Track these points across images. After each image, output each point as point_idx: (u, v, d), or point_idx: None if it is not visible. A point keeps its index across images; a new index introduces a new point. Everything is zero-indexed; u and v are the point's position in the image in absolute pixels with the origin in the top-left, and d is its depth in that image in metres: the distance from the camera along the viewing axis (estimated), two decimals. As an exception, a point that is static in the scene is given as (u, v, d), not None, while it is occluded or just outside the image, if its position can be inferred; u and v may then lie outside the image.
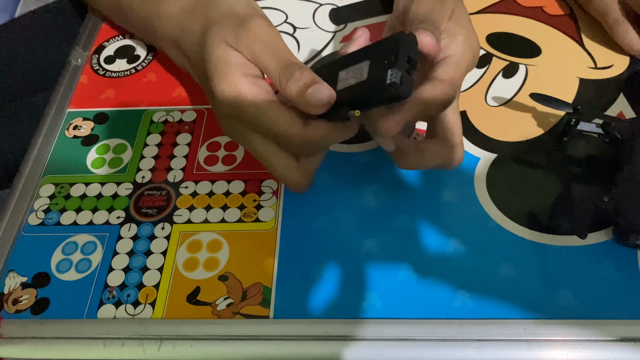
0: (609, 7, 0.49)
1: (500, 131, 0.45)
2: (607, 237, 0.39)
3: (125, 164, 0.45)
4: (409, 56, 0.30)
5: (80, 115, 0.48)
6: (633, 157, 0.39)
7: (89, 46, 0.54)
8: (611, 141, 0.42)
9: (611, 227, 0.39)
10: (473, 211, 0.40)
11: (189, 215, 0.41)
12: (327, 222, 0.40)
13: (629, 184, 0.38)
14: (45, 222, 0.42)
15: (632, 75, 0.48)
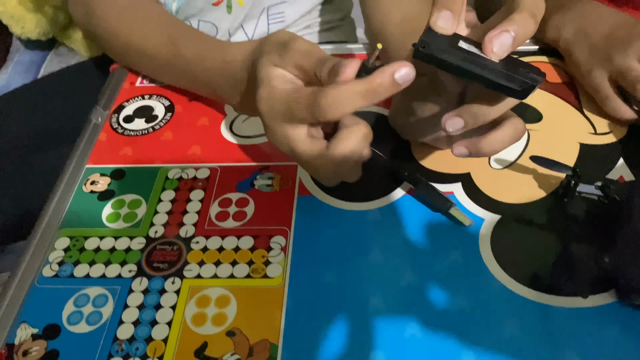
0: (600, 85, 0.51)
1: (504, 193, 0.46)
2: (612, 298, 0.39)
3: (139, 218, 0.46)
4: None
5: (97, 171, 0.50)
6: (631, 218, 0.40)
7: (109, 105, 0.57)
8: (610, 203, 0.43)
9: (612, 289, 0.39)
10: (478, 271, 0.41)
11: (199, 270, 0.42)
12: (335, 278, 0.41)
13: (628, 244, 0.38)
14: (59, 275, 0.43)
15: (631, 141, 0.50)
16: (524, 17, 0.36)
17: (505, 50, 0.35)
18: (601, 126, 0.51)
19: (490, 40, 0.35)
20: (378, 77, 0.35)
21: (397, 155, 0.49)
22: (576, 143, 0.50)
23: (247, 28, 0.75)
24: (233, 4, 0.71)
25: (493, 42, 0.35)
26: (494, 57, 0.36)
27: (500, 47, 0.35)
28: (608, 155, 0.49)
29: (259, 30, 0.75)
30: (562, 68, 0.58)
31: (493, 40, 0.35)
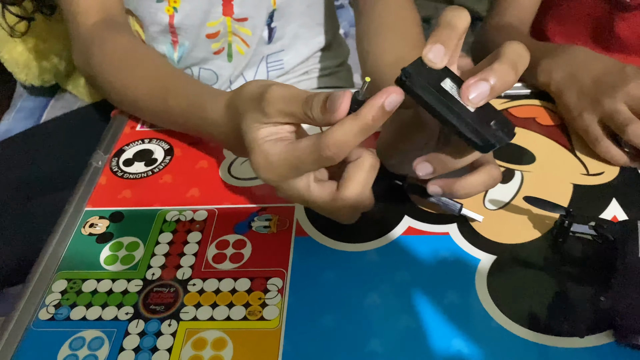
0: (590, 127, 0.53)
1: (499, 234, 0.46)
2: (609, 338, 0.39)
3: (136, 261, 0.46)
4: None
5: (97, 213, 0.51)
6: (626, 258, 0.40)
7: (110, 149, 0.58)
8: (604, 242, 0.44)
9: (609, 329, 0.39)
10: (475, 312, 0.41)
11: (196, 313, 0.42)
12: (332, 320, 0.41)
13: (623, 284, 0.39)
14: (55, 317, 0.43)
15: (623, 182, 0.51)
16: (505, 67, 0.36)
17: (481, 99, 0.36)
18: (593, 167, 0.52)
19: (468, 88, 0.36)
20: (369, 111, 0.36)
21: (390, 196, 0.50)
22: (569, 184, 0.51)
23: (247, 75, 0.77)
24: (234, 53, 0.73)
25: (470, 90, 0.36)
26: (469, 105, 0.36)
27: (477, 95, 0.36)
28: (601, 196, 0.49)
29: (258, 77, 0.77)
30: (554, 111, 0.59)
31: (470, 88, 0.36)
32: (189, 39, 0.70)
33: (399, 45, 0.58)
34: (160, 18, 0.67)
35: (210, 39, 0.70)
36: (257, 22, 0.70)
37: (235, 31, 0.70)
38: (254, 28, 0.70)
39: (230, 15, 0.69)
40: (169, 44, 0.71)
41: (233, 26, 0.70)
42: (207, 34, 0.69)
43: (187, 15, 0.67)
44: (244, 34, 0.71)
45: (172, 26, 0.68)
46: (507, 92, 0.63)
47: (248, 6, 0.68)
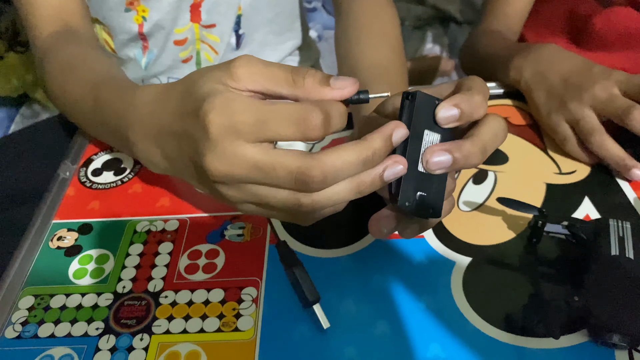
0: (558, 127, 0.53)
1: (474, 235, 0.46)
2: (584, 337, 0.39)
3: (106, 274, 0.45)
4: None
5: (65, 226, 0.50)
6: (599, 257, 0.40)
7: (77, 160, 0.56)
8: (577, 241, 0.44)
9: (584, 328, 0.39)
10: (451, 316, 0.41)
11: (168, 326, 0.41)
12: (307, 330, 0.40)
13: (596, 283, 0.39)
14: (22, 335, 0.41)
15: (595, 180, 0.51)
16: (475, 149, 0.35)
17: (439, 169, 0.35)
18: (566, 166, 0.53)
19: (431, 153, 0.35)
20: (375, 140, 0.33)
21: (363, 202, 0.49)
22: (542, 183, 0.51)
23: None
24: (202, 61, 0.72)
25: (429, 160, 0.35)
26: (423, 166, 0.35)
27: (434, 163, 0.35)
28: (574, 195, 0.50)
29: None
30: (526, 110, 0.59)
31: (431, 159, 0.35)
32: (157, 46, 0.69)
33: (377, 47, 0.58)
34: (129, 27, 0.66)
35: (178, 45, 0.69)
36: (225, 28, 0.69)
37: (203, 38, 0.69)
38: (222, 34, 0.70)
39: (198, 22, 0.68)
40: (139, 48, 0.69)
41: (201, 33, 0.69)
42: (175, 40, 0.68)
43: (155, 23, 0.66)
44: (212, 40, 0.70)
45: (142, 34, 0.67)
46: (479, 92, 0.63)
47: (215, 12, 0.67)
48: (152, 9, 0.65)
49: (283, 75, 0.34)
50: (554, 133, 0.54)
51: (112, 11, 0.65)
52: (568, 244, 0.45)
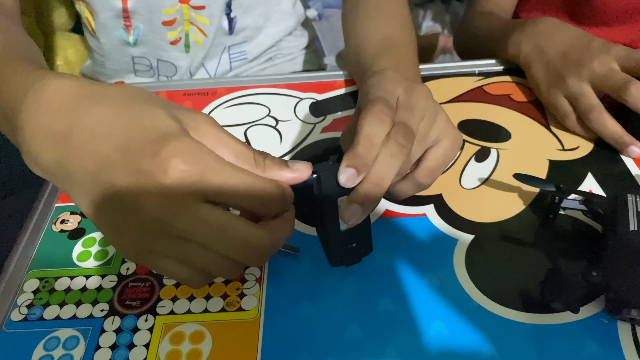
0: (558, 102, 0.53)
1: (477, 213, 0.46)
2: (599, 307, 0.39)
3: (110, 256, 0.45)
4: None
5: (68, 209, 0.50)
6: (616, 232, 0.40)
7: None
8: (594, 217, 0.44)
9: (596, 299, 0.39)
10: (454, 293, 0.41)
11: (172, 307, 0.41)
12: (310, 308, 0.41)
13: (615, 257, 0.39)
14: (28, 318, 0.42)
15: (598, 156, 0.51)
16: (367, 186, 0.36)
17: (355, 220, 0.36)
18: (568, 142, 0.52)
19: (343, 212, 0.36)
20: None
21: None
22: (545, 160, 0.51)
23: (208, 66, 0.75)
24: (191, 43, 0.71)
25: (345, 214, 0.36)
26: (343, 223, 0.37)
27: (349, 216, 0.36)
28: (577, 171, 0.49)
29: (221, 68, 0.75)
30: (528, 87, 0.59)
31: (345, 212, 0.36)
32: (144, 22, 0.68)
33: (387, 23, 0.57)
34: (112, 4, 0.66)
35: (166, 26, 0.68)
36: (214, 11, 0.68)
37: (192, 20, 0.68)
38: (211, 17, 0.69)
39: (187, 2, 0.67)
40: (121, 28, 0.69)
41: (190, 14, 0.68)
42: (163, 21, 0.68)
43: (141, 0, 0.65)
44: (201, 23, 0.69)
45: (126, 11, 0.66)
46: (480, 69, 0.62)
47: None
48: None
49: (246, 153, 0.33)
50: (554, 109, 0.53)
51: None
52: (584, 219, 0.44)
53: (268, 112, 0.58)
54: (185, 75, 0.74)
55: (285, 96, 0.61)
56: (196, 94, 0.62)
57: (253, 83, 0.63)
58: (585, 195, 0.44)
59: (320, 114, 0.58)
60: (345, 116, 0.57)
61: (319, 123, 0.57)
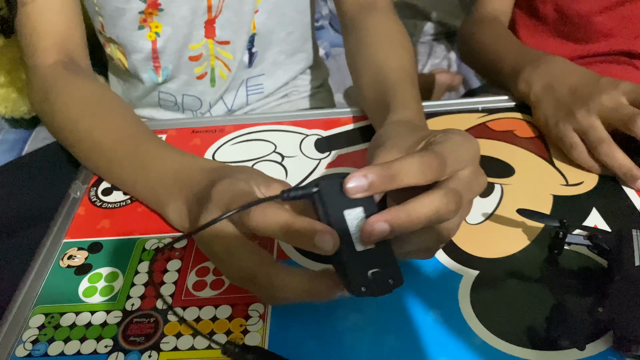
0: (566, 134, 0.53)
1: (481, 248, 0.46)
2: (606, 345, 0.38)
3: (116, 292, 0.46)
4: None
5: (75, 245, 0.50)
6: (622, 267, 0.40)
7: (88, 180, 0.57)
8: (599, 252, 0.44)
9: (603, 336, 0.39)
10: (459, 329, 0.41)
11: (176, 342, 0.41)
12: (314, 346, 0.40)
13: (621, 293, 0.38)
14: (32, 354, 0.42)
15: (602, 191, 0.51)
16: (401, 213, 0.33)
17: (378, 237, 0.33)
18: (572, 177, 0.52)
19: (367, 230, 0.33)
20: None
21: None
22: (549, 195, 0.51)
23: (226, 99, 0.77)
24: (216, 78, 0.73)
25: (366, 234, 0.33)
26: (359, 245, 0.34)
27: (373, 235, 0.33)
28: (581, 206, 0.49)
29: (237, 101, 0.77)
30: (532, 123, 0.59)
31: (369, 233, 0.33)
32: (172, 62, 0.70)
33: (400, 54, 0.59)
34: (142, 45, 0.68)
35: (192, 61, 0.70)
36: (237, 47, 0.70)
37: (217, 54, 0.70)
38: (234, 52, 0.71)
39: (212, 38, 0.69)
40: (150, 70, 0.71)
41: (215, 49, 0.70)
42: (190, 56, 0.70)
43: (169, 38, 0.67)
44: (226, 57, 0.71)
45: (155, 51, 0.68)
46: (484, 106, 0.63)
47: (229, 30, 0.69)
48: (166, 24, 0.67)
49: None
50: (561, 142, 0.54)
51: (125, 30, 0.67)
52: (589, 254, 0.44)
53: (274, 149, 0.59)
54: (205, 108, 0.76)
55: (291, 133, 0.62)
56: (204, 131, 0.63)
57: (260, 120, 0.64)
58: (590, 231, 0.44)
59: (325, 150, 0.59)
60: (350, 152, 0.58)
61: (324, 159, 0.57)
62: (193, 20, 0.67)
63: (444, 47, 1.31)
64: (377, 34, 0.63)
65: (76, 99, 0.58)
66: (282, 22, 0.73)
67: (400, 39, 0.62)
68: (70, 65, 0.62)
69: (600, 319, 0.37)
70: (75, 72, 0.61)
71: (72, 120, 0.57)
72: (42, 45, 0.62)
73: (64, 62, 0.62)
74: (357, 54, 0.63)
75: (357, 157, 0.57)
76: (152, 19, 0.66)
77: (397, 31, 0.63)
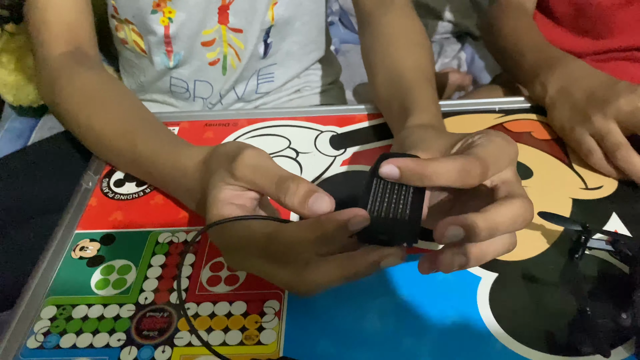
0: (583, 139, 0.53)
1: (499, 250, 0.46)
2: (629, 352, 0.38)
3: (128, 285, 0.45)
4: None
5: (87, 236, 0.50)
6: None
7: (100, 170, 0.57)
8: (621, 258, 0.43)
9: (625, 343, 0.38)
10: (477, 333, 0.40)
11: (190, 338, 0.41)
12: (330, 345, 0.40)
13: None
14: (44, 346, 0.41)
15: (623, 195, 0.50)
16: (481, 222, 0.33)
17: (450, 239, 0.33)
18: (592, 181, 0.52)
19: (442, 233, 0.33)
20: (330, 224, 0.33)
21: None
22: (568, 198, 0.50)
23: (238, 90, 0.76)
24: (228, 66, 0.72)
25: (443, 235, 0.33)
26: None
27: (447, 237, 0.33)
28: (601, 210, 0.49)
29: (248, 89, 0.77)
30: (549, 124, 0.59)
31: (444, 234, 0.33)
32: (184, 48, 0.69)
33: (417, 53, 0.59)
34: (155, 29, 0.67)
35: (205, 47, 0.70)
36: (249, 37, 0.70)
37: (229, 41, 0.70)
38: (246, 42, 0.70)
39: (226, 24, 0.68)
40: (163, 54, 0.70)
41: (228, 35, 0.69)
42: (203, 41, 0.69)
43: (183, 24, 0.67)
44: (237, 46, 0.71)
45: (168, 37, 0.68)
46: (501, 106, 0.62)
47: (242, 18, 0.68)
48: (180, 10, 0.66)
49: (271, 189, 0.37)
50: (578, 147, 0.53)
51: (140, 10, 0.66)
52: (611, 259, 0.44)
53: (289, 144, 0.59)
54: (215, 98, 0.75)
55: (305, 129, 0.61)
56: (217, 124, 0.62)
57: (273, 115, 0.63)
58: (612, 236, 0.43)
59: (340, 147, 0.58)
60: (365, 150, 0.57)
61: (339, 156, 0.57)
62: (207, 6, 0.66)
63: (454, 46, 1.31)
64: (394, 32, 0.62)
65: (78, 89, 0.58)
66: (299, 12, 0.73)
67: (418, 37, 0.62)
68: (77, 55, 0.61)
69: (623, 326, 0.37)
70: (80, 62, 0.61)
71: (74, 111, 0.57)
72: (50, 36, 0.61)
73: (71, 52, 0.61)
74: (373, 51, 0.63)
75: (373, 155, 0.57)
76: (165, 4, 0.66)
77: (414, 29, 0.63)
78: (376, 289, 0.43)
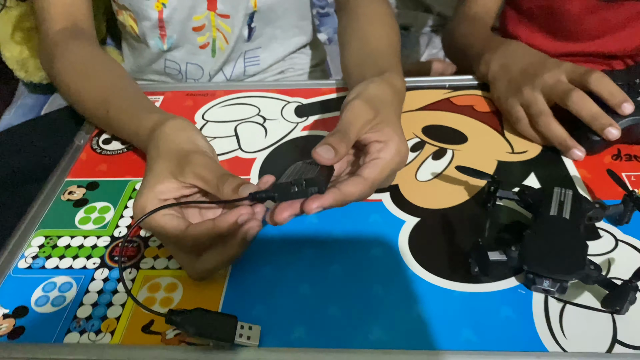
0: (513, 108, 0.59)
1: (426, 201, 0.53)
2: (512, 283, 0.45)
3: (107, 221, 0.53)
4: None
5: (75, 183, 0.58)
6: (538, 217, 0.46)
7: (91, 130, 0.65)
8: (525, 206, 0.50)
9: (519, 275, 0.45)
10: (395, 263, 0.47)
11: (153, 263, 0.48)
12: (270, 269, 0.47)
13: (532, 236, 0.44)
14: (32, 266, 0.49)
15: (542, 159, 0.57)
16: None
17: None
18: (518, 146, 0.58)
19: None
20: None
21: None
22: (494, 160, 0.57)
23: (226, 70, 0.84)
24: (217, 49, 0.80)
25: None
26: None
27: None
28: (521, 170, 0.55)
29: (236, 71, 0.84)
30: (490, 99, 0.65)
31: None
32: (176, 32, 0.77)
33: (386, 30, 0.66)
34: (150, 14, 0.75)
35: (196, 32, 0.77)
36: (235, 22, 0.77)
37: (218, 26, 0.77)
38: (233, 26, 0.77)
39: (214, 11, 0.76)
40: (157, 38, 0.78)
41: (216, 21, 0.77)
42: (193, 27, 0.77)
43: (175, 9, 0.74)
44: (225, 30, 0.78)
45: (162, 20, 0.75)
46: (451, 83, 0.69)
47: (228, 4, 0.75)
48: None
49: (213, 180, 0.44)
50: (509, 115, 0.60)
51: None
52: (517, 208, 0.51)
53: (258, 112, 0.66)
54: (205, 78, 0.83)
55: (274, 99, 0.68)
56: (197, 94, 0.70)
57: (248, 87, 0.71)
58: (519, 187, 0.50)
59: (303, 115, 0.65)
60: (325, 118, 0.64)
61: (301, 123, 0.64)
62: None
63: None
64: (369, 12, 0.69)
65: (70, 63, 0.66)
66: (281, 1, 0.79)
67: (389, 19, 0.68)
68: (74, 31, 0.70)
69: (512, 257, 0.43)
70: (75, 37, 0.69)
71: (66, 82, 0.66)
72: (51, 13, 0.70)
73: (69, 28, 0.70)
74: (350, 28, 0.69)
75: (330, 123, 0.64)
76: None
77: (387, 12, 0.69)
78: (315, 228, 0.50)
